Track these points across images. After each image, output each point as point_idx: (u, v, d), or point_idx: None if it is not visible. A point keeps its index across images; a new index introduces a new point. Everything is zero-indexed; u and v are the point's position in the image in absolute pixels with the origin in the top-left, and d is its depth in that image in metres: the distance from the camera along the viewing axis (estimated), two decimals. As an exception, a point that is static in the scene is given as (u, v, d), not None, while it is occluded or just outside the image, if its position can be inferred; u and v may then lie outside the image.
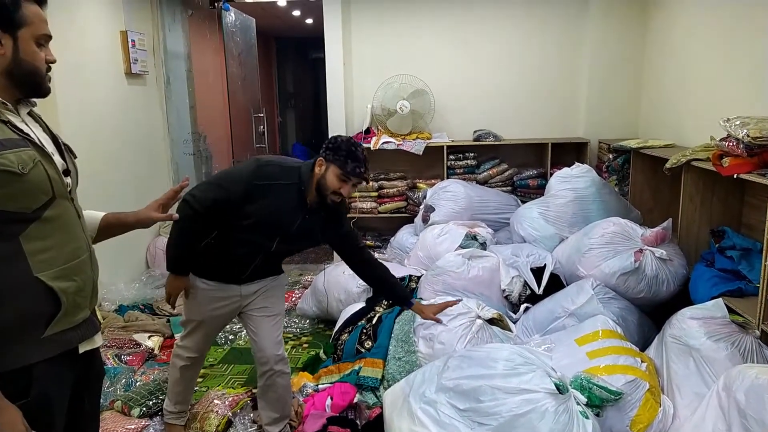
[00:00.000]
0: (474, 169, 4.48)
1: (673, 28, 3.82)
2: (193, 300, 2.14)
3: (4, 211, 1.18)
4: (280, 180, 2.00)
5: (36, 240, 1.22)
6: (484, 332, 2.52)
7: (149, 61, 4.43)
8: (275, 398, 2.28)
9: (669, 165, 2.82)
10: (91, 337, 1.38)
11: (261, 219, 1.98)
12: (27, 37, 1.24)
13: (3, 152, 1.16)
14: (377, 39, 4.56)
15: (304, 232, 2.07)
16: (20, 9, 1.22)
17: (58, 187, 1.27)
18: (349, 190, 2.04)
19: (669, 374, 2.15)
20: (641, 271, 2.70)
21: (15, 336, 1.20)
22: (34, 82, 1.28)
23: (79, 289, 1.31)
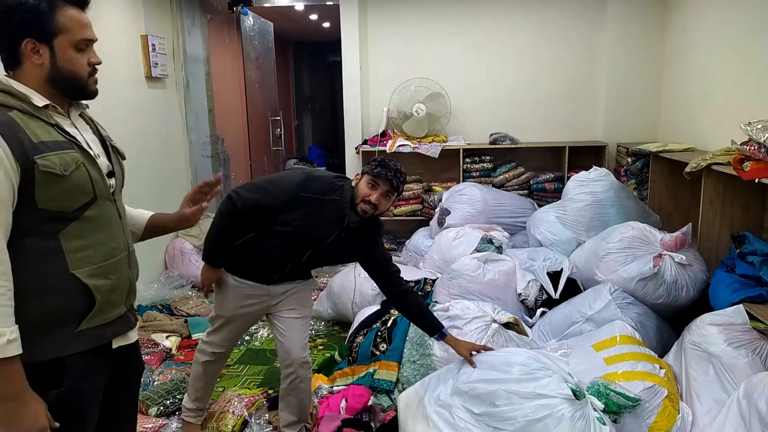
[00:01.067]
0: (490, 173, 4.46)
1: (692, 30, 3.77)
2: (224, 296, 2.18)
3: (45, 210, 1.22)
4: (324, 196, 2.03)
5: (75, 238, 1.26)
6: (499, 336, 2.51)
7: (169, 64, 4.49)
8: (296, 402, 2.30)
9: (689, 169, 2.78)
10: (125, 333, 1.42)
11: (296, 230, 2.02)
12: (64, 45, 1.26)
13: (47, 154, 1.20)
14: (394, 42, 4.58)
15: (336, 248, 2.09)
16: (56, 17, 1.24)
17: (100, 188, 1.31)
18: (379, 197, 2.00)
19: (688, 381, 2.12)
20: (660, 277, 2.67)
21: (49, 328, 1.24)
22: (76, 87, 1.31)
23: (114, 287, 1.34)
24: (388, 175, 2.00)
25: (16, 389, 1.17)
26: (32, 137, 1.19)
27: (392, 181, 2.02)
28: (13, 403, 1.17)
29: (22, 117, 1.21)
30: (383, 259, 2.22)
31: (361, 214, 2.03)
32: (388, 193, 2.03)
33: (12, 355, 1.15)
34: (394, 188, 2.04)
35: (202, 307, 3.87)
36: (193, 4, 4.86)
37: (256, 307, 2.20)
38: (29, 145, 1.18)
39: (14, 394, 1.17)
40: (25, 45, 1.23)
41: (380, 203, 2.02)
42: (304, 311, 2.26)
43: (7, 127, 1.17)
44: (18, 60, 1.25)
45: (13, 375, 1.16)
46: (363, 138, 4.63)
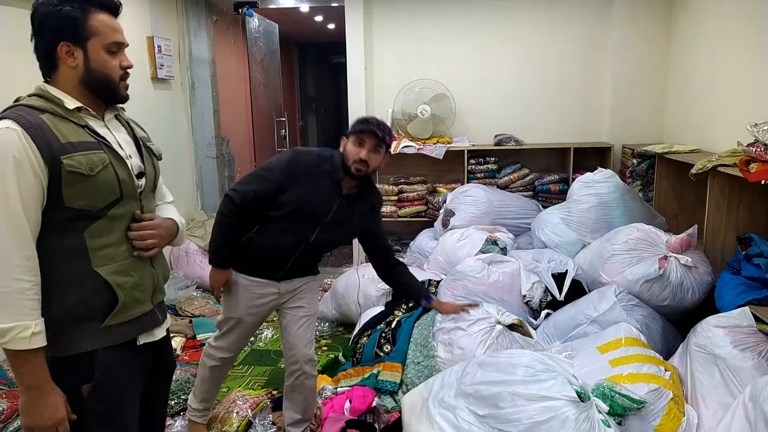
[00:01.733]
0: (495, 174, 4.46)
1: (698, 30, 3.76)
2: (233, 297, 2.16)
3: (72, 209, 1.27)
4: (316, 168, 2.05)
5: (100, 236, 1.31)
6: (504, 338, 2.50)
7: (175, 66, 4.51)
8: (301, 399, 2.30)
9: (695, 171, 2.77)
10: (150, 330, 1.45)
11: (298, 207, 2.02)
12: (97, 47, 1.32)
13: (73, 154, 1.26)
14: (398, 44, 4.58)
15: (341, 220, 2.10)
16: (88, 21, 1.30)
17: (128, 188, 1.36)
18: (368, 153, 2.01)
19: (693, 383, 2.11)
20: (665, 278, 2.66)
21: (75, 324, 1.30)
22: (108, 90, 1.36)
23: (136, 284, 1.38)
24: (372, 128, 2.01)
25: (39, 380, 1.23)
26: (60, 138, 1.25)
27: (377, 132, 2.02)
28: (35, 392, 1.23)
29: (53, 119, 1.27)
30: (382, 233, 2.28)
31: (355, 173, 2.03)
32: (377, 147, 2.04)
33: (37, 347, 1.21)
34: (380, 140, 2.03)
35: (207, 308, 3.88)
36: (198, 6, 4.87)
37: (265, 306, 2.19)
38: (57, 145, 1.24)
39: (37, 385, 1.23)
40: (61, 48, 1.30)
41: (371, 159, 2.02)
42: (311, 309, 2.27)
43: (37, 129, 1.23)
44: (54, 64, 1.32)
45: (36, 366, 1.22)
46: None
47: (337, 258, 5.25)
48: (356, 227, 2.19)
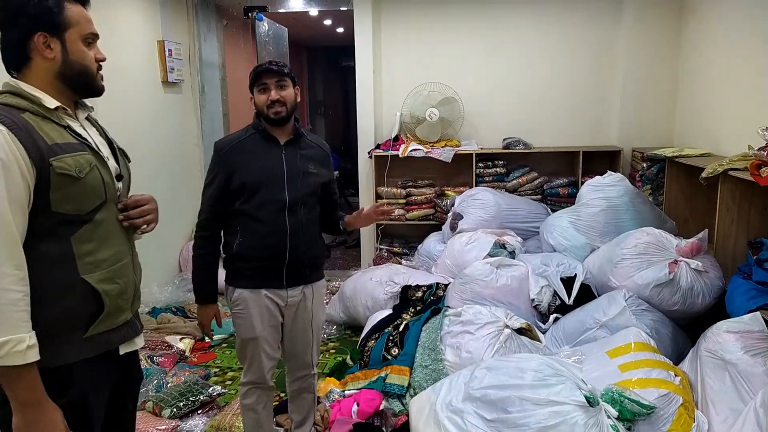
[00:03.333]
0: (503, 177, 4.45)
1: (708, 34, 3.74)
2: (244, 316, 2.04)
3: (59, 213, 1.21)
4: (240, 139, 2.02)
5: (85, 242, 1.26)
6: (512, 342, 2.50)
7: (185, 69, 4.55)
8: (311, 399, 2.31)
9: (705, 174, 2.75)
10: (131, 339, 1.40)
11: (252, 178, 1.96)
12: (74, 38, 1.27)
13: (62, 156, 1.20)
14: (407, 47, 4.59)
15: (299, 169, 2.02)
16: (64, 11, 1.25)
17: (110, 191, 1.32)
18: (275, 92, 1.96)
19: (704, 389, 2.09)
20: (676, 283, 2.64)
21: (57, 334, 1.23)
22: (86, 82, 1.31)
23: (122, 291, 1.33)
24: (266, 66, 1.98)
25: (35, 396, 1.16)
26: (46, 139, 1.19)
27: (272, 68, 1.96)
28: (31, 410, 1.16)
29: (35, 119, 1.21)
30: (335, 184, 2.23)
31: (275, 117, 1.97)
32: (280, 83, 1.98)
33: (31, 361, 1.14)
34: (280, 73, 1.97)
35: (216, 309, 3.90)
36: (209, 10, 4.91)
37: (276, 319, 2.08)
38: (44, 146, 1.18)
39: (33, 401, 1.16)
40: (37, 39, 1.22)
41: (281, 96, 1.97)
42: (320, 317, 2.20)
43: (23, 129, 1.16)
44: (27, 57, 1.24)
45: (32, 381, 1.15)
46: (376, 142, 4.64)
47: (345, 261, 5.26)
48: (319, 172, 2.08)
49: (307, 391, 2.28)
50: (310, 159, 2.07)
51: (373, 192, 4.59)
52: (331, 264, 5.31)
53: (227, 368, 3.21)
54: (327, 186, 2.14)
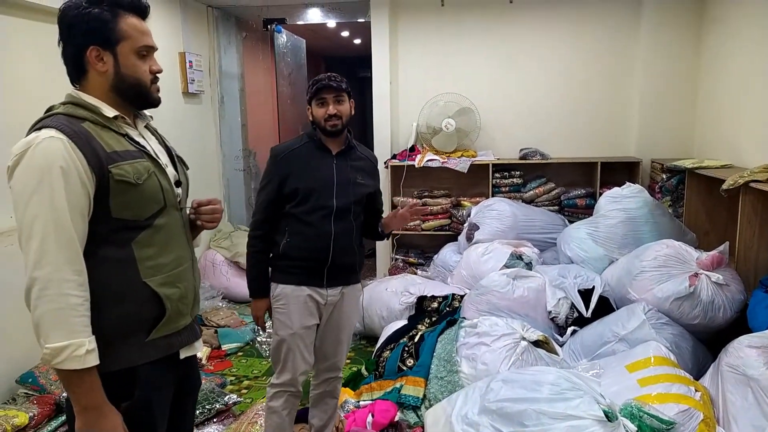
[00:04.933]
0: (520, 188, 4.43)
1: (729, 43, 3.70)
2: (284, 312, 2.11)
3: (119, 219, 1.24)
4: (295, 146, 2.12)
5: (146, 247, 1.28)
6: (529, 354, 2.47)
7: (205, 81, 4.62)
8: (334, 405, 2.32)
9: (726, 186, 2.72)
10: (191, 343, 1.42)
11: (305, 184, 2.06)
12: (126, 52, 1.28)
13: (120, 163, 1.23)
14: (423, 58, 4.61)
15: (348, 178, 2.12)
16: (117, 25, 1.26)
17: (169, 197, 1.34)
18: (334, 107, 2.06)
19: (725, 405, 2.05)
20: (696, 296, 2.60)
21: (121, 338, 1.25)
22: (139, 94, 1.32)
23: (182, 296, 1.35)
24: (325, 82, 2.06)
25: (95, 400, 1.18)
26: (105, 147, 1.22)
27: (332, 84, 2.06)
28: (92, 414, 1.17)
29: (94, 128, 1.23)
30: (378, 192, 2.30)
31: (331, 129, 2.07)
32: (338, 98, 2.08)
33: (91, 365, 1.15)
34: (338, 89, 2.07)
35: (232, 318, 3.93)
36: (229, 23, 5.00)
37: (314, 318, 2.13)
38: (103, 154, 1.21)
39: (93, 405, 1.17)
40: (90, 52, 1.25)
41: (338, 110, 2.07)
42: (354, 318, 2.30)
43: (82, 138, 1.19)
44: (83, 69, 1.27)
45: (92, 385, 1.17)
46: (392, 152, 4.66)
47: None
48: (366, 182, 2.19)
49: (331, 396, 2.30)
50: (359, 170, 2.18)
51: (389, 202, 4.60)
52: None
53: (243, 377, 3.23)
54: (372, 196, 2.24)
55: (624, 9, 4.32)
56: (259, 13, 4.96)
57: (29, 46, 2.96)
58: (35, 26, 2.99)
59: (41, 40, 3.00)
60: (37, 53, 2.98)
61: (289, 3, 4.77)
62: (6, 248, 2.73)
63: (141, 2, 1.33)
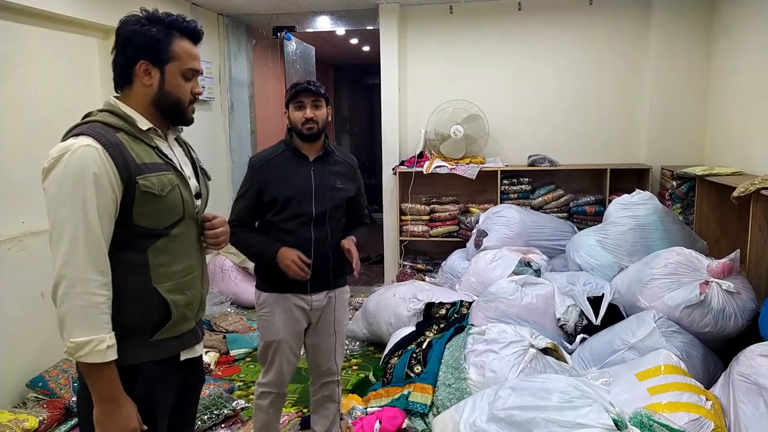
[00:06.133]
0: (528, 194, 4.42)
1: (738, 51, 3.69)
2: (269, 319, 2.14)
3: (139, 226, 1.32)
4: (273, 154, 2.15)
5: (161, 254, 1.35)
6: (537, 362, 2.46)
7: (215, 88, 4.66)
8: (334, 409, 2.32)
9: (737, 194, 2.70)
10: (192, 346, 1.49)
11: (284, 192, 2.08)
12: (174, 71, 1.37)
13: (147, 175, 1.31)
14: (432, 65, 4.63)
15: (327, 184, 2.13)
16: (171, 45, 1.36)
17: (189, 208, 1.41)
18: (311, 111, 2.08)
19: (736, 414, 2.03)
20: (707, 304, 2.58)
21: (127, 337, 1.31)
22: (177, 112, 1.41)
23: (189, 302, 1.42)
24: (304, 86, 2.07)
25: (113, 392, 1.26)
26: (136, 158, 1.30)
27: (310, 88, 2.08)
28: (109, 404, 1.26)
29: (128, 139, 1.31)
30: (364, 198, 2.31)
31: (308, 133, 2.09)
32: (316, 102, 2.10)
33: (110, 359, 1.24)
34: (316, 93, 2.09)
35: (240, 323, 3.94)
36: (239, 31, 5.05)
37: (301, 323, 2.17)
38: (133, 165, 1.29)
39: (111, 396, 1.26)
40: (140, 66, 1.34)
41: (315, 115, 2.09)
42: (344, 320, 2.28)
43: (116, 148, 1.27)
44: (130, 80, 1.36)
45: (111, 378, 1.26)
46: (400, 159, 4.67)
47: (368, 277, 5.26)
48: (346, 186, 2.19)
49: (330, 400, 2.30)
50: (338, 174, 2.18)
51: (397, 208, 4.61)
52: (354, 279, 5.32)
53: (251, 382, 3.23)
54: (353, 200, 2.24)
55: (633, 16, 4.32)
56: (269, 21, 5.00)
57: (44, 54, 3.01)
58: (49, 34, 3.03)
59: (56, 48, 3.05)
60: (51, 61, 3.03)
61: (299, 11, 4.81)
62: (18, 253, 2.76)
63: (196, 29, 1.42)
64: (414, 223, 4.57)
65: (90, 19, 3.11)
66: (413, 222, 4.58)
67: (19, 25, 2.87)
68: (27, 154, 2.84)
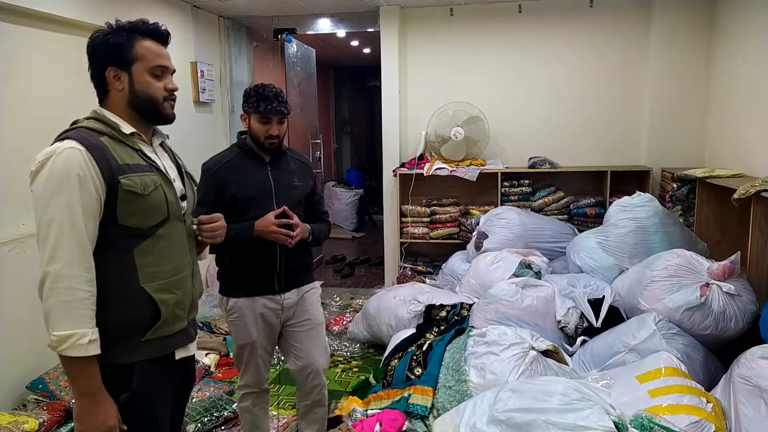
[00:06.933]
0: (529, 196, 4.42)
1: (739, 53, 3.69)
2: (239, 324, 2.15)
3: (124, 226, 1.36)
4: (227, 158, 2.16)
5: (147, 254, 1.39)
6: (538, 364, 2.46)
7: (216, 90, 4.67)
8: (322, 413, 2.32)
9: (737, 196, 2.70)
10: (185, 345, 1.52)
11: (242, 192, 2.09)
12: (140, 71, 1.41)
13: (130, 175, 1.35)
14: (432, 67, 4.63)
15: (286, 183, 2.16)
16: (133, 48, 1.40)
17: (174, 209, 1.45)
18: (276, 128, 2.11)
19: (737, 417, 2.02)
20: (707, 307, 2.57)
21: (120, 336, 1.36)
22: (153, 110, 1.44)
23: (178, 302, 1.45)
24: (275, 107, 2.09)
25: (92, 387, 1.29)
26: (118, 159, 1.35)
27: (281, 109, 2.10)
28: (89, 400, 1.29)
29: (111, 142, 1.37)
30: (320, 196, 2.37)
31: (269, 147, 2.13)
32: (281, 120, 2.13)
33: (92, 354, 1.27)
34: (283, 113, 2.12)
35: (241, 325, 3.93)
36: (240, 33, 5.05)
37: (273, 324, 2.17)
38: (115, 165, 1.34)
39: (91, 392, 1.29)
40: (109, 73, 1.40)
41: (280, 131, 2.13)
42: (318, 318, 2.27)
43: (99, 150, 1.33)
44: (105, 89, 1.42)
45: (91, 373, 1.29)
46: (401, 161, 4.67)
47: (368, 279, 5.26)
48: (302, 183, 2.22)
49: (319, 405, 2.30)
50: (294, 173, 2.22)
51: (398, 210, 4.61)
52: (354, 282, 5.32)
53: (251, 384, 3.23)
54: (310, 196, 2.27)
55: (634, 18, 4.32)
56: (269, 23, 5.01)
57: (45, 56, 3.01)
58: (51, 36, 3.04)
59: (57, 50, 3.05)
60: (52, 63, 3.03)
61: (300, 13, 4.82)
62: (18, 255, 2.76)
63: (158, 29, 1.45)
64: (414, 225, 4.57)
65: (91, 21, 3.12)
66: (413, 224, 4.58)
67: (20, 28, 2.87)
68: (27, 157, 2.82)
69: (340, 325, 3.97)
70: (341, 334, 3.88)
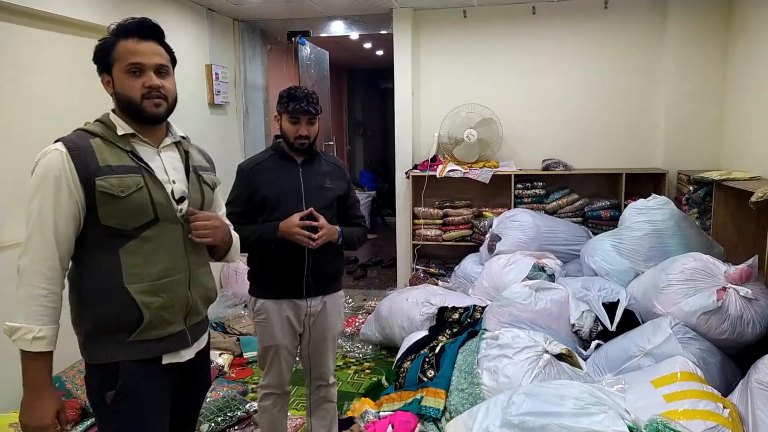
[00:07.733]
0: (542, 199, 4.39)
1: (756, 53, 3.64)
2: (266, 326, 2.16)
3: (107, 226, 1.36)
4: (260, 159, 2.21)
5: (132, 255, 1.38)
6: (551, 368, 2.44)
7: (230, 92, 4.71)
8: (332, 409, 2.34)
9: (755, 198, 2.66)
10: (176, 351, 1.47)
11: (273, 193, 2.11)
12: (118, 72, 1.41)
13: (107, 176, 1.35)
14: (446, 69, 4.63)
15: (316, 184, 2.16)
16: (113, 50, 1.40)
17: (164, 211, 1.41)
18: (306, 128, 2.12)
19: (755, 423, 2.00)
20: (724, 311, 2.54)
21: (105, 335, 1.37)
22: (134, 110, 1.41)
23: (165, 306, 1.41)
24: (304, 107, 2.11)
25: (37, 382, 1.32)
26: (100, 161, 1.35)
27: (309, 109, 2.12)
28: (32, 394, 1.32)
29: (100, 143, 1.38)
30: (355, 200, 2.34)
31: (300, 147, 2.14)
32: (311, 120, 2.14)
33: (37, 351, 1.30)
34: (313, 114, 2.14)
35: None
36: (254, 36, 5.10)
37: (296, 327, 2.18)
38: (94, 167, 1.34)
39: (34, 387, 1.32)
40: (102, 79, 1.45)
41: (309, 131, 2.14)
42: (337, 327, 2.29)
43: (80, 151, 1.35)
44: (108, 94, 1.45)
45: (37, 368, 1.31)
46: (413, 163, 4.68)
47: (381, 280, 5.27)
48: (335, 185, 2.21)
49: (327, 401, 2.32)
50: (327, 174, 2.22)
51: (410, 212, 4.61)
52: (367, 283, 5.33)
53: (264, 385, 3.25)
54: (343, 198, 2.25)
55: (649, 19, 4.28)
56: (283, 25, 5.04)
57: (57, 58, 3.04)
58: (62, 38, 3.07)
59: (69, 52, 3.08)
60: (63, 66, 3.06)
61: (313, 16, 4.84)
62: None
63: (139, 25, 1.41)
64: (427, 227, 4.57)
65: (104, 23, 3.15)
66: (426, 226, 4.57)
67: (30, 29, 2.90)
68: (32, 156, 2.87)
69: (353, 326, 3.98)
70: (354, 336, 3.88)
